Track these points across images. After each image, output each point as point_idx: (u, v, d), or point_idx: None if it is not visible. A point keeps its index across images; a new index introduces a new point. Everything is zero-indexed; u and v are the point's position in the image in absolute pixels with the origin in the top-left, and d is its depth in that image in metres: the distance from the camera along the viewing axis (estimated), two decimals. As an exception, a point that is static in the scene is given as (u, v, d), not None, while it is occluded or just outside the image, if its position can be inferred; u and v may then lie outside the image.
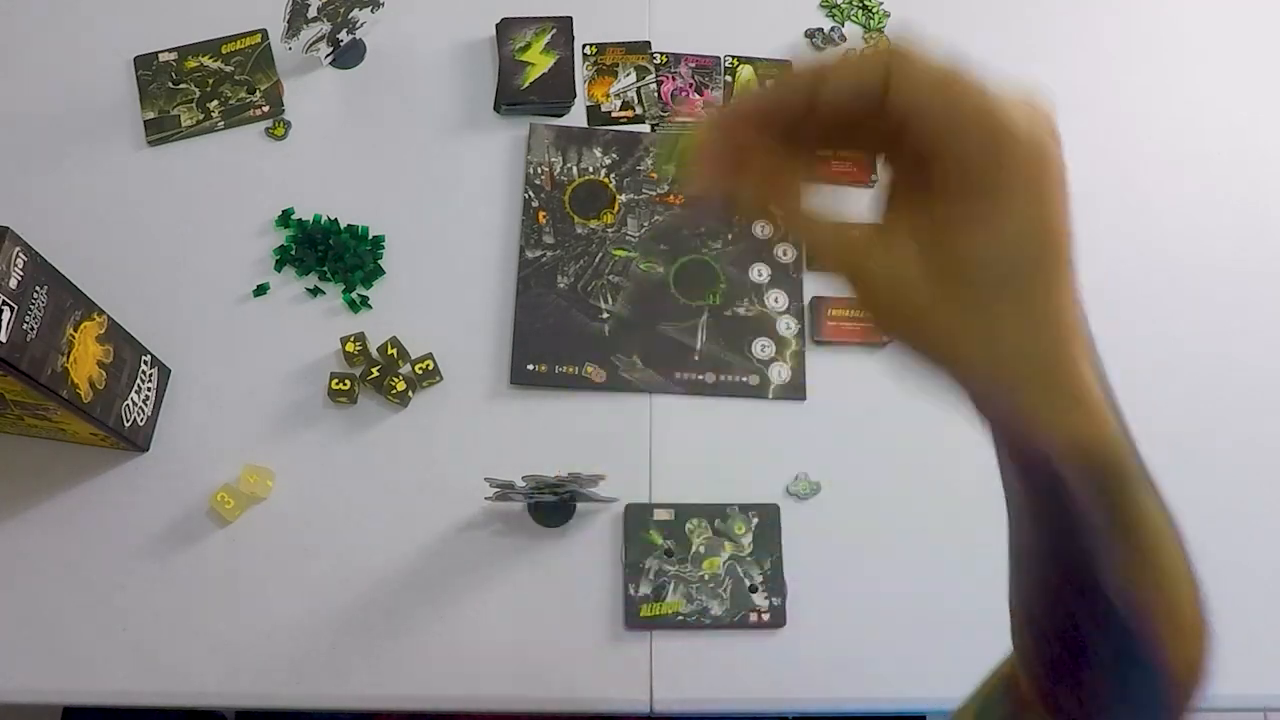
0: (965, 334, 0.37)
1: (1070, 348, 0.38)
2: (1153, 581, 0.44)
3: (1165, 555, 0.45)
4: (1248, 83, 1.11)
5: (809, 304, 0.97)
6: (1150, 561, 0.44)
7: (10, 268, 0.67)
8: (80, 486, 0.87)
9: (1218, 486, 0.93)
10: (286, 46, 0.98)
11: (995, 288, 0.36)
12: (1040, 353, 0.37)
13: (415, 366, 0.91)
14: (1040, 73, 1.12)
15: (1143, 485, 0.43)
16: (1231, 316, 1.00)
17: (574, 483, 0.80)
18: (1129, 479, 0.42)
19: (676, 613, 0.84)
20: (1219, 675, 0.90)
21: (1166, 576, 0.45)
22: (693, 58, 1.07)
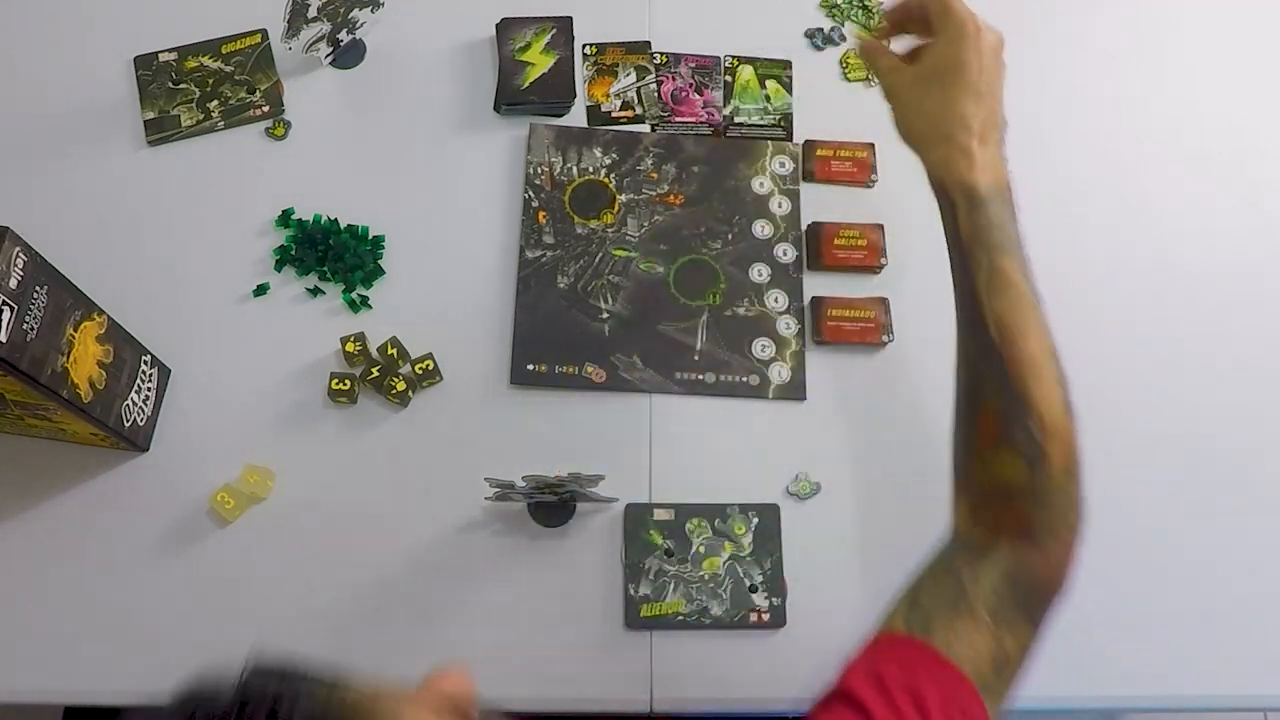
0: (915, 114, 0.75)
1: (962, 129, 0.71)
2: (1017, 324, 0.68)
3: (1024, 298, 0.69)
4: (1248, 82, 1.11)
5: (809, 304, 0.97)
6: (1013, 302, 0.69)
7: (10, 268, 0.67)
8: (80, 486, 0.87)
9: (1217, 486, 0.93)
10: (286, 46, 0.98)
11: (927, 87, 0.74)
12: (944, 127, 0.72)
13: (415, 366, 0.91)
14: (1040, 72, 1.13)
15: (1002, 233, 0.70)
16: (1231, 316, 1.00)
17: (574, 483, 0.80)
18: (987, 206, 0.70)
19: (676, 613, 0.84)
20: (1219, 676, 0.90)
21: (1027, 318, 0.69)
22: (693, 58, 1.07)
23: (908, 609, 0.66)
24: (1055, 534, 0.67)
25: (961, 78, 0.72)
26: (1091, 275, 1.00)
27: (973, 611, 0.64)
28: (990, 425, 0.68)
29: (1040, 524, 0.67)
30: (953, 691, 0.61)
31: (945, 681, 0.61)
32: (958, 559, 0.68)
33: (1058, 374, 0.68)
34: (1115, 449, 0.93)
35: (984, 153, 0.71)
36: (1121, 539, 0.90)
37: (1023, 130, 1.08)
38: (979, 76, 0.72)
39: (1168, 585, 0.89)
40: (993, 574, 0.66)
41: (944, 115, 0.72)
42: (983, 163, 0.70)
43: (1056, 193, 1.03)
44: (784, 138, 1.05)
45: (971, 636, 0.63)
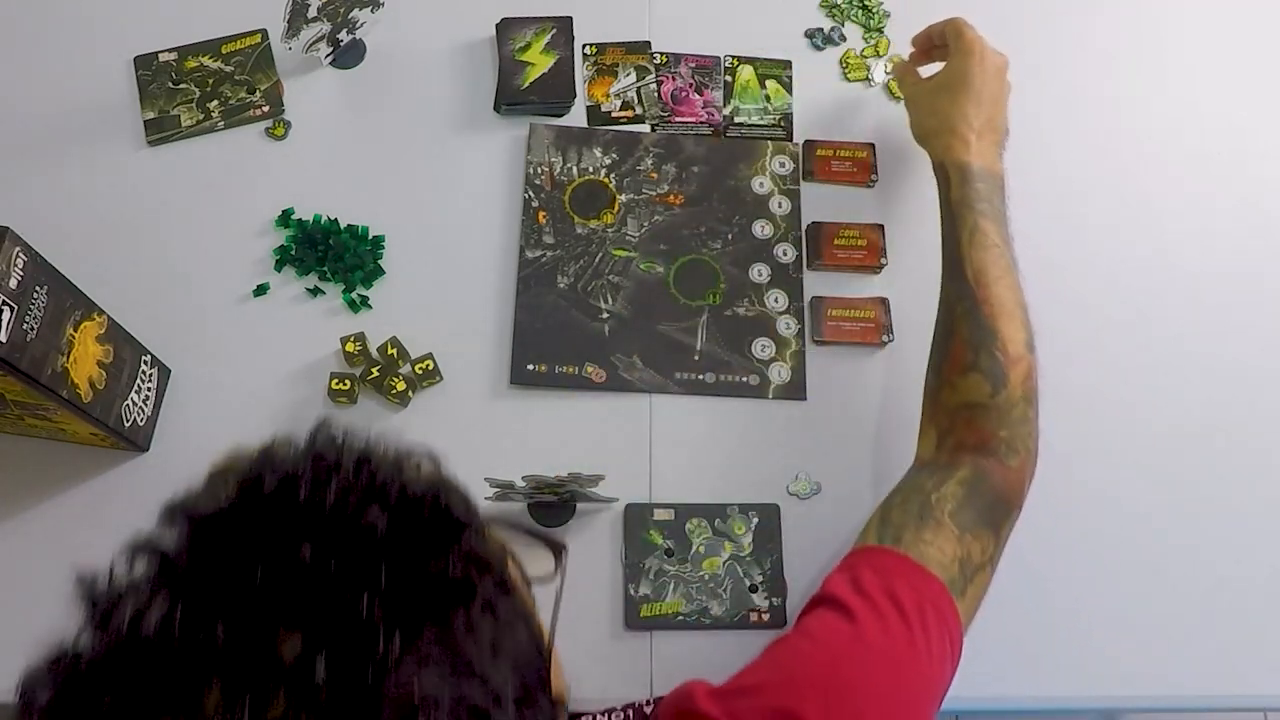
0: (927, 114, 0.93)
1: (963, 123, 0.88)
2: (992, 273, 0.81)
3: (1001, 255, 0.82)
4: (1248, 82, 1.11)
5: (809, 304, 0.97)
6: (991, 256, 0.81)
7: (10, 268, 0.67)
8: (80, 486, 0.87)
9: (1217, 486, 0.93)
10: (286, 46, 0.98)
11: (938, 94, 0.91)
12: (949, 122, 0.88)
13: (415, 366, 0.91)
14: (1039, 72, 1.13)
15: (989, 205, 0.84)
16: (1232, 316, 1.00)
17: (574, 483, 0.80)
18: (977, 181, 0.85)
19: (676, 613, 0.84)
20: (1219, 676, 0.90)
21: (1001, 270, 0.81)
22: (693, 58, 1.07)
23: (879, 525, 0.73)
24: (1014, 450, 0.76)
25: (967, 86, 0.89)
26: (1091, 275, 1.00)
27: (938, 520, 0.71)
28: (960, 353, 0.79)
29: (1000, 441, 0.76)
30: (924, 589, 0.67)
31: (916, 581, 0.68)
32: (924, 479, 0.76)
33: (1024, 319, 0.80)
34: (1115, 448, 0.93)
35: (979, 144, 0.87)
36: (1121, 539, 0.90)
37: (1023, 130, 1.08)
38: (982, 87, 0.89)
39: (1168, 585, 0.89)
40: (956, 486, 0.74)
41: (950, 114, 0.89)
42: (977, 150, 0.87)
43: (1056, 193, 1.03)
44: (784, 138, 1.05)
45: (939, 542, 0.70)
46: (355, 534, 0.42)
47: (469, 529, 0.46)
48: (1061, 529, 0.90)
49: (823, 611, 0.67)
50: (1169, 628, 0.87)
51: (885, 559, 0.70)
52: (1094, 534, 0.90)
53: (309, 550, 0.40)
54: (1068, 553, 0.89)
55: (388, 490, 0.44)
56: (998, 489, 0.75)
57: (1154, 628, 0.87)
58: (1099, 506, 0.91)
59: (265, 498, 0.43)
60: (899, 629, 0.64)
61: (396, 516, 0.43)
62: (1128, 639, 0.87)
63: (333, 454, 0.45)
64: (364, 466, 0.45)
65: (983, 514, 0.73)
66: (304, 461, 0.45)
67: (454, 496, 0.47)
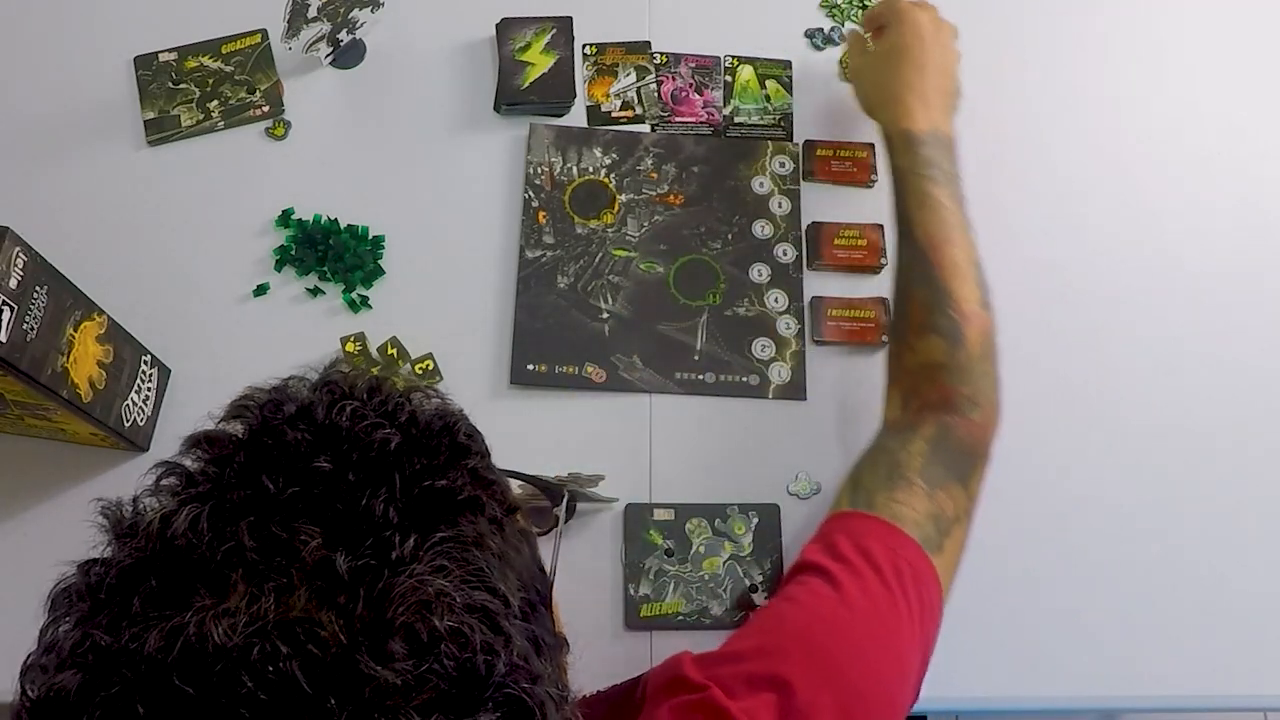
0: (870, 87, 0.95)
1: (906, 91, 0.89)
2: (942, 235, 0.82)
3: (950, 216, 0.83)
4: (1247, 82, 1.11)
5: (809, 304, 0.97)
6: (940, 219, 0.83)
7: (10, 268, 0.67)
8: (80, 486, 0.87)
9: (1217, 486, 0.93)
10: (286, 46, 0.98)
11: (880, 66, 0.93)
12: (891, 92, 0.90)
13: (415, 366, 0.91)
14: (1039, 71, 1.13)
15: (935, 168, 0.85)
16: (1232, 316, 1.00)
17: (574, 483, 0.80)
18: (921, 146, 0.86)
19: (676, 613, 0.84)
20: (1219, 676, 0.90)
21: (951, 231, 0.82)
22: (693, 58, 1.07)
23: (851, 491, 0.75)
24: (976, 404, 0.78)
25: (905, 56, 0.91)
26: (1091, 275, 1.00)
27: (908, 480, 0.73)
28: (917, 315, 0.81)
29: (962, 397, 0.78)
30: (899, 548, 0.69)
31: (891, 541, 0.69)
32: (890, 441, 0.78)
33: (977, 277, 0.82)
34: (1115, 448, 0.93)
35: (924, 109, 0.88)
36: (1121, 539, 0.90)
37: (1023, 130, 1.08)
38: (921, 54, 0.91)
39: (1167, 585, 0.89)
40: (922, 444, 0.75)
41: (891, 84, 0.91)
42: (922, 115, 0.88)
43: (1056, 193, 1.03)
44: (784, 138, 1.04)
45: (910, 501, 0.72)
46: (370, 449, 0.45)
47: (474, 453, 0.49)
48: (1061, 529, 0.90)
49: (804, 577, 0.68)
50: (1169, 628, 0.87)
51: (859, 522, 0.71)
52: (1094, 534, 0.90)
53: (326, 461, 0.43)
54: (1068, 553, 0.89)
55: (398, 413, 0.47)
56: (963, 442, 0.77)
57: (1154, 628, 0.87)
58: (1099, 506, 0.91)
59: (285, 419, 0.46)
60: (878, 589, 0.66)
61: (407, 435, 0.46)
62: (1128, 639, 0.87)
63: (344, 383, 0.49)
64: (375, 394, 0.48)
65: (951, 469, 0.75)
66: (319, 390, 0.48)
67: (460, 423, 0.50)
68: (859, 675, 0.63)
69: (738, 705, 0.59)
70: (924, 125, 0.87)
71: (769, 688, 0.60)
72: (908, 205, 0.85)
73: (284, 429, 0.46)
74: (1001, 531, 0.89)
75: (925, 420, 0.77)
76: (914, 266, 0.83)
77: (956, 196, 0.85)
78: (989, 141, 1.05)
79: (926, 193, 0.84)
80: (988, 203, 1.02)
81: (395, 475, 0.44)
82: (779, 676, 0.60)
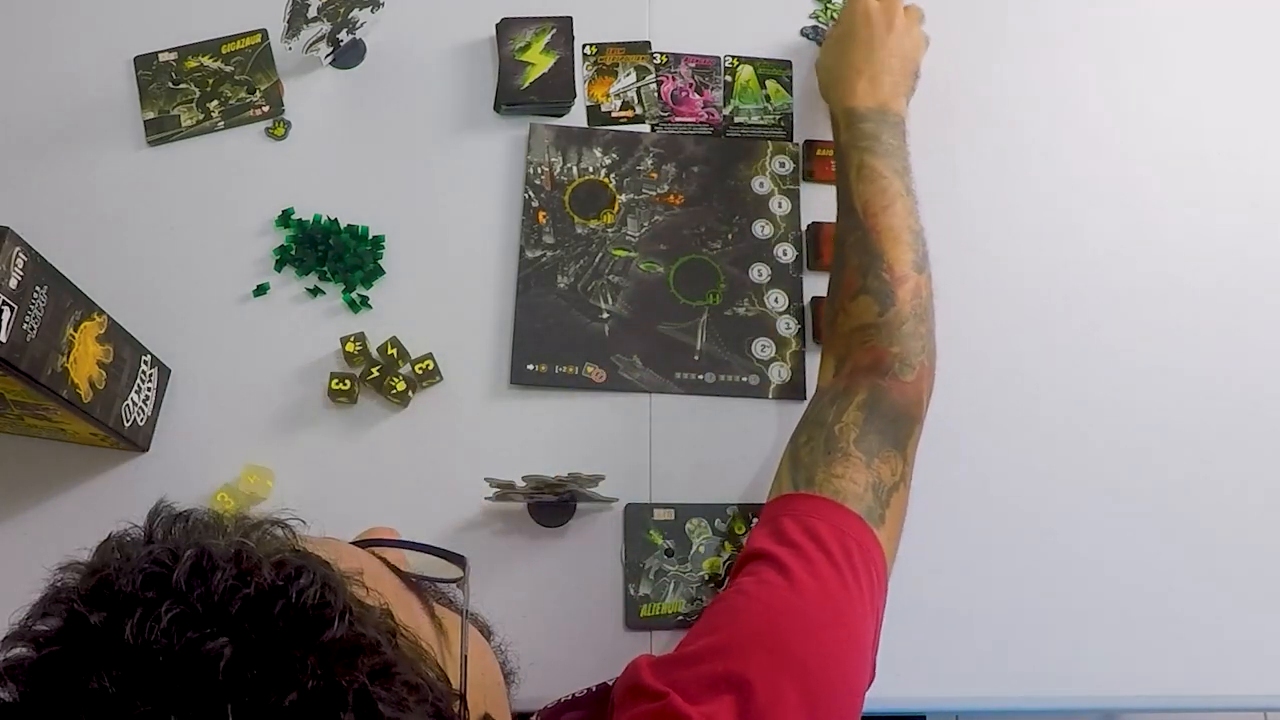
0: (823, 70, 0.97)
1: (852, 72, 0.91)
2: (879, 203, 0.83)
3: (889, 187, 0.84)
4: (1246, 82, 1.11)
5: (809, 304, 0.97)
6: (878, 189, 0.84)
7: (10, 268, 0.67)
8: (80, 486, 0.87)
9: (1217, 486, 0.93)
10: (286, 46, 0.98)
11: (831, 50, 0.96)
12: (839, 73, 0.93)
13: (415, 366, 0.91)
14: (1038, 71, 1.13)
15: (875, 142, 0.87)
16: (1232, 317, 1.00)
17: (574, 483, 0.80)
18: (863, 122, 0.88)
19: (676, 613, 0.84)
20: (1219, 676, 0.90)
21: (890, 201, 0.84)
22: (693, 58, 1.07)
23: (791, 469, 0.75)
24: (908, 365, 0.78)
25: (853, 40, 0.94)
26: (1091, 275, 1.00)
27: (845, 451, 0.74)
28: (851, 279, 0.82)
29: (893, 357, 0.78)
30: (845, 526, 0.69)
31: (836, 519, 0.70)
32: (824, 410, 0.78)
33: (912, 242, 0.83)
34: (1115, 448, 0.93)
35: (869, 88, 0.90)
36: (1121, 538, 0.90)
37: (1022, 130, 1.08)
38: (871, 37, 0.93)
39: (1167, 585, 0.89)
40: (856, 412, 0.76)
41: (838, 67, 0.94)
42: (864, 93, 0.90)
43: (1056, 193, 1.03)
44: (784, 138, 1.04)
45: (850, 474, 0.72)
46: (193, 672, 0.36)
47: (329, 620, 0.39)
48: (1061, 529, 0.90)
49: (752, 566, 0.68)
50: (1169, 628, 0.87)
51: (802, 504, 0.72)
52: (1094, 534, 0.90)
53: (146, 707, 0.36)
54: (1067, 553, 0.89)
55: (228, 603, 0.38)
56: (897, 405, 0.77)
57: (1154, 628, 0.87)
58: (1099, 506, 0.91)
59: (92, 634, 0.38)
60: (827, 570, 0.66)
61: (239, 636, 0.37)
62: (1128, 639, 0.87)
63: (166, 561, 0.39)
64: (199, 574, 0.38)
65: (886, 434, 0.75)
66: (134, 578, 0.39)
67: (308, 582, 0.40)
68: (818, 663, 0.62)
69: (698, 711, 0.58)
70: (868, 102, 0.89)
71: (729, 689, 0.59)
72: (848, 178, 0.86)
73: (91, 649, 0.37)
74: (1001, 532, 0.90)
75: (858, 385, 0.78)
76: (850, 234, 0.84)
77: (897, 169, 0.86)
78: (988, 142, 1.05)
79: (864, 164, 0.85)
80: (987, 203, 1.02)
81: (226, 704, 0.35)
82: (737, 675, 0.59)
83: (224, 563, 0.39)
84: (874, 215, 0.83)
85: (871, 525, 0.70)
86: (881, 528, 0.71)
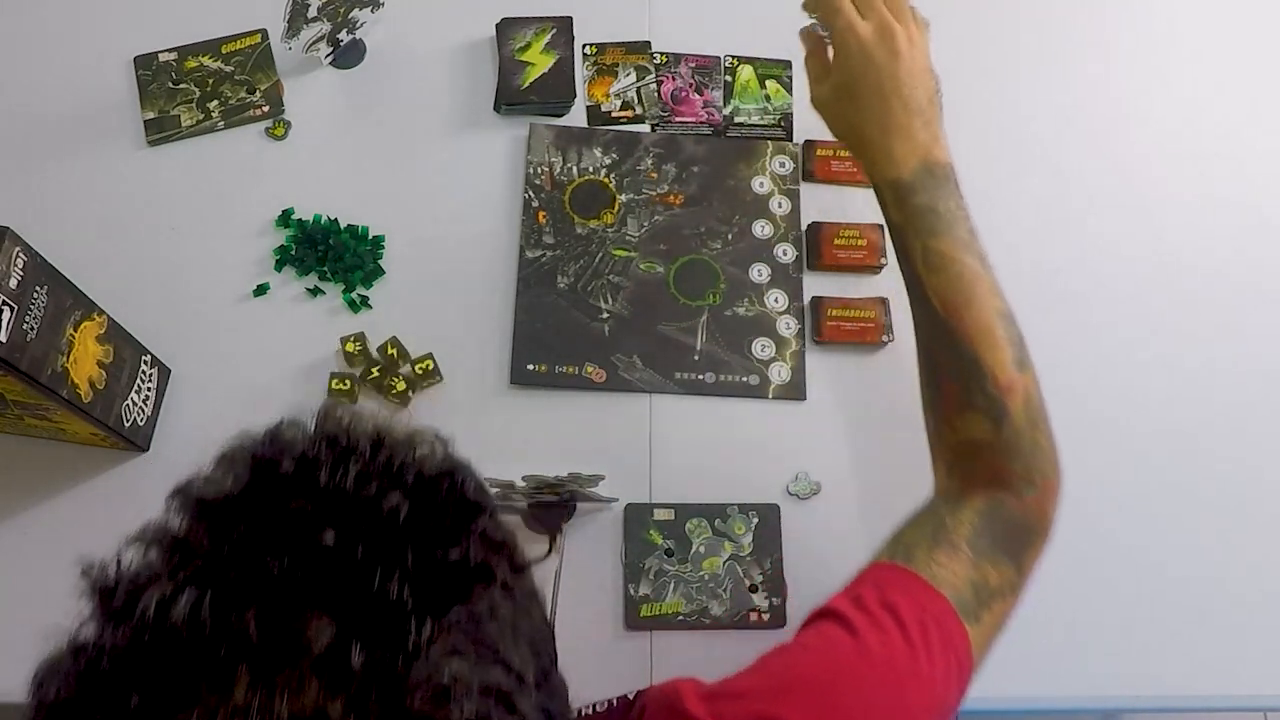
0: (838, 124, 0.84)
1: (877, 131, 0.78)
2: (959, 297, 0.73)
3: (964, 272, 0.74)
4: (1245, 83, 1.11)
5: (809, 304, 0.97)
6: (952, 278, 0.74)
7: (10, 268, 0.67)
8: (80, 486, 0.87)
9: (1217, 486, 0.93)
10: (286, 46, 0.98)
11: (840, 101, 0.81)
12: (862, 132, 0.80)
13: (415, 366, 0.91)
14: (1038, 71, 1.13)
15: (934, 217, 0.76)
16: (1234, 314, 1.00)
17: (574, 483, 0.80)
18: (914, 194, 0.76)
19: (676, 613, 0.84)
20: (1219, 676, 0.90)
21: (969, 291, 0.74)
22: (693, 58, 1.07)
23: (892, 546, 0.70)
24: (1031, 482, 0.72)
25: (862, 89, 0.79)
26: (1093, 276, 1.00)
27: (953, 544, 0.68)
28: (952, 392, 0.74)
29: (1015, 474, 0.72)
30: (927, 605, 0.64)
31: (919, 596, 0.65)
32: (939, 506, 0.73)
33: (1008, 335, 0.74)
34: (1115, 448, 0.93)
35: (905, 145, 0.78)
36: (1121, 539, 0.90)
37: (1023, 130, 1.08)
38: (879, 81, 0.78)
39: (1168, 585, 0.89)
40: (972, 515, 0.70)
41: (859, 123, 0.80)
42: (903, 155, 0.77)
43: (1056, 192, 1.03)
44: (784, 138, 1.04)
45: (951, 564, 0.67)
46: (377, 519, 0.41)
47: (484, 511, 0.46)
48: (1061, 529, 0.90)
49: (821, 624, 0.65)
50: (1169, 628, 0.87)
51: (889, 574, 0.67)
52: (1093, 534, 0.90)
53: (333, 536, 0.40)
54: (1067, 553, 0.89)
55: (404, 473, 0.44)
56: (1017, 521, 0.71)
57: (1154, 628, 0.87)
58: (1098, 507, 0.91)
59: (283, 480, 0.43)
60: (899, 643, 0.62)
61: (416, 500, 0.43)
62: (1128, 639, 0.87)
63: (345, 436, 0.44)
64: (379, 449, 0.44)
65: (1001, 542, 0.69)
66: (318, 444, 0.44)
67: (468, 478, 0.47)
68: None
69: None
70: (911, 165, 0.77)
71: None
72: (914, 265, 0.76)
73: (284, 491, 0.42)
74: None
75: (976, 494, 0.71)
76: (935, 336, 0.75)
77: (965, 241, 0.75)
78: (987, 143, 1.05)
79: (929, 249, 0.75)
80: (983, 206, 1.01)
81: (406, 549, 0.41)
82: (780, 718, 0.58)
83: (400, 444, 0.45)
84: (957, 313, 0.73)
85: (963, 617, 0.65)
86: (974, 626, 0.65)
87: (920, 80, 0.79)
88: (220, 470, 0.45)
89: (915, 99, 0.78)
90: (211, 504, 0.43)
